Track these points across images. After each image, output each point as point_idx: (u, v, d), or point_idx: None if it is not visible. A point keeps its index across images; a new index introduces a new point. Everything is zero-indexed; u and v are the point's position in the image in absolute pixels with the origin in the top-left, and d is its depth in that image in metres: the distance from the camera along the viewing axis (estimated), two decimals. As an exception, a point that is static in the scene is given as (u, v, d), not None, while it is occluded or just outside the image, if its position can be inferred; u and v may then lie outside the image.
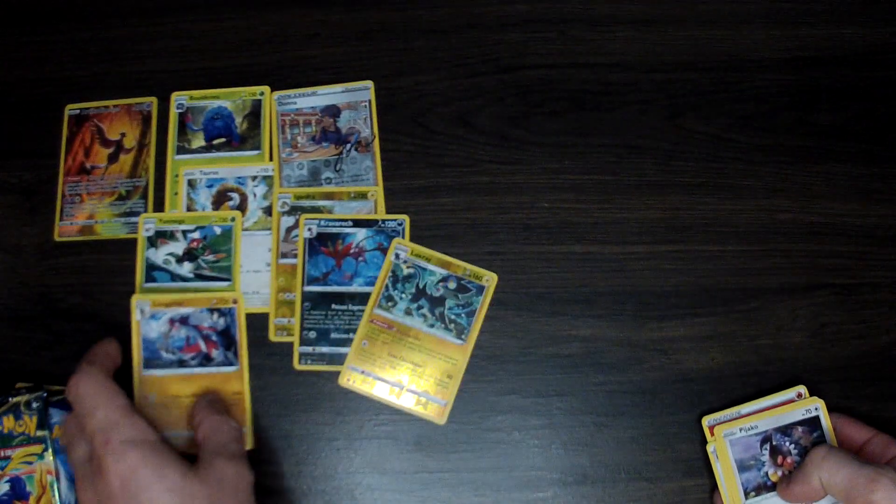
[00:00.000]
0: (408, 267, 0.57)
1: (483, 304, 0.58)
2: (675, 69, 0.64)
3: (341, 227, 0.59)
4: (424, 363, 0.57)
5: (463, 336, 0.57)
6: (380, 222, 0.59)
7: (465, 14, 0.65)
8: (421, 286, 0.58)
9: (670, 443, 0.57)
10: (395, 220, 0.59)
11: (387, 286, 0.57)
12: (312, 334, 0.57)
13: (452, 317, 0.57)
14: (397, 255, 0.57)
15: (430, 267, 0.58)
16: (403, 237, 0.59)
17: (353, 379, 0.57)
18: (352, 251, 0.58)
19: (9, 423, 0.53)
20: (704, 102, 0.63)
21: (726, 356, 0.58)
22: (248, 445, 0.56)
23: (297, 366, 0.57)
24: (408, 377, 0.57)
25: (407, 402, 0.56)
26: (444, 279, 0.58)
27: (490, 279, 0.58)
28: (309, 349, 0.57)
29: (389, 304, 0.57)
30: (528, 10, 0.65)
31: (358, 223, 0.59)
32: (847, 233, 0.60)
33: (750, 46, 0.64)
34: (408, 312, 0.57)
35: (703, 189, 0.61)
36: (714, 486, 0.55)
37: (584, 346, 0.58)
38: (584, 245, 0.60)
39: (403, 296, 0.57)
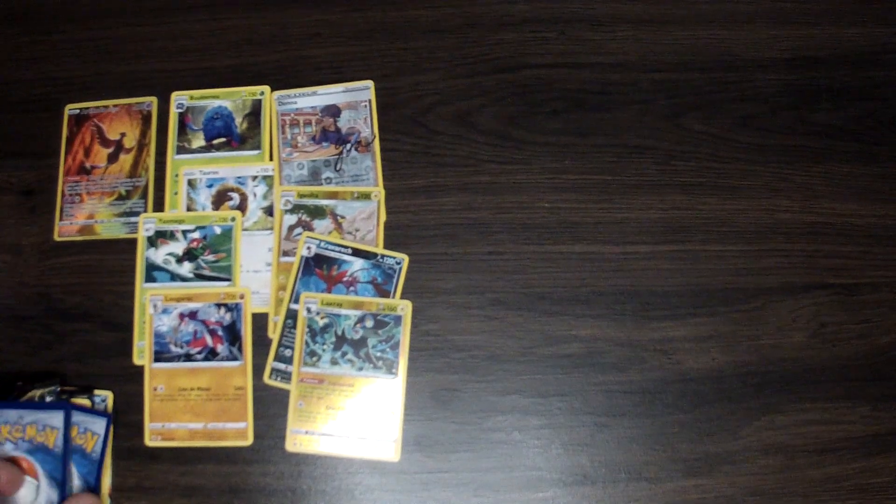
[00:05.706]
0: (322, 317, 0.57)
1: (405, 334, 0.57)
2: (675, 69, 0.64)
3: (340, 252, 0.58)
4: (363, 407, 0.56)
5: (393, 370, 0.57)
6: (379, 257, 0.58)
7: (465, 14, 0.65)
8: (339, 333, 0.57)
9: (670, 443, 0.57)
10: (394, 257, 0.58)
11: (306, 342, 0.57)
12: (288, 352, 0.57)
13: (378, 354, 0.57)
14: (308, 309, 0.57)
15: (344, 311, 0.57)
16: (400, 276, 0.58)
17: (299, 441, 0.56)
18: (345, 279, 0.58)
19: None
20: (704, 102, 0.63)
21: (726, 356, 0.58)
22: (248, 442, 0.56)
23: (267, 380, 0.57)
24: (351, 425, 0.56)
25: (356, 450, 0.56)
26: (361, 319, 0.57)
27: (405, 307, 0.57)
28: (282, 366, 0.57)
29: (314, 358, 0.57)
30: (528, 10, 0.65)
31: (357, 253, 0.58)
32: (847, 233, 0.60)
33: (750, 46, 0.64)
34: (334, 362, 0.57)
35: (703, 189, 0.61)
36: None
37: (584, 346, 0.58)
38: (584, 245, 0.60)
39: (325, 347, 0.57)
